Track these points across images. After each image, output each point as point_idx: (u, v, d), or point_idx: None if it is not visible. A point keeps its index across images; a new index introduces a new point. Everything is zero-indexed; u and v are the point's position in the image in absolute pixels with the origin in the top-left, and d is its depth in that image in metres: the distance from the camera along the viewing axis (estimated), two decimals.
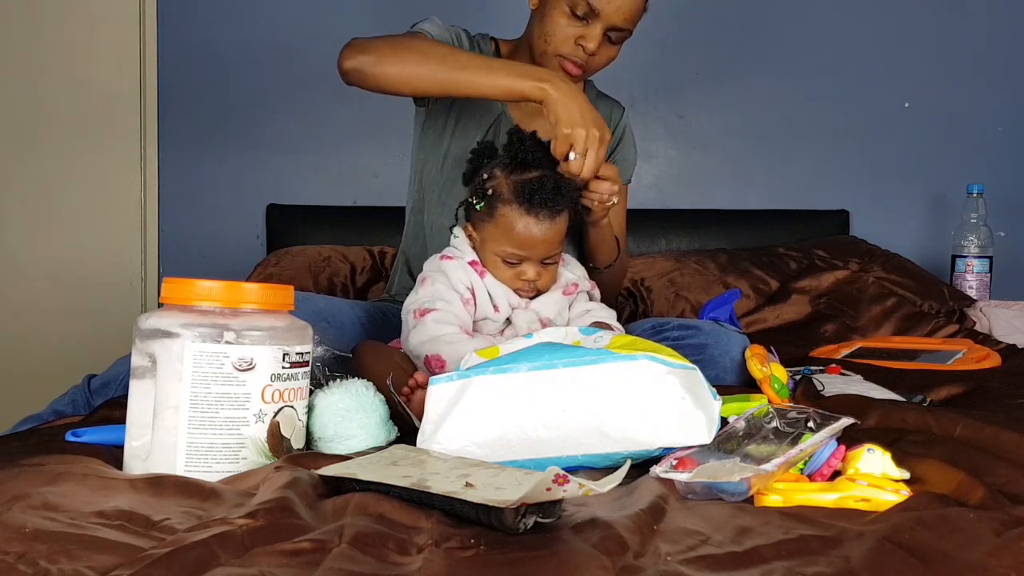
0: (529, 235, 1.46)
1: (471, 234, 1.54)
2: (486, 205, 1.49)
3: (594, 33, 1.66)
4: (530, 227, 1.46)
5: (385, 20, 2.79)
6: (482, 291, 1.50)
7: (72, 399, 1.53)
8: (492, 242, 1.49)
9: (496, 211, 1.48)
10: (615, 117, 1.93)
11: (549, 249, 1.50)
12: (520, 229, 1.46)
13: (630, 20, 1.68)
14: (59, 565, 0.77)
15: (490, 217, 1.49)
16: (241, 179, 2.83)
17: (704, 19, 2.88)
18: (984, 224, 2.62)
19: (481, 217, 1.50)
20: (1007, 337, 2.15)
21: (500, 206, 1.47)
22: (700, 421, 1.11)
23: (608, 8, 1.65)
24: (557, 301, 1.54)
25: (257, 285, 1.14)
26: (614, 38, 1.69)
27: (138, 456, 1.08)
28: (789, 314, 2.35)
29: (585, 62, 1.69)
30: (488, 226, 1.49)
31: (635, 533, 0.85)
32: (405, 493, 0.94)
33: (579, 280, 1.58)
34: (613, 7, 1.65)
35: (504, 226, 1.47)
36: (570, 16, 1.66)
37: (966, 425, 1.20)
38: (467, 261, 1.52)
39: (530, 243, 1.47)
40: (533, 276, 1.50)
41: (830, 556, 0.81)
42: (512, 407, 1.11)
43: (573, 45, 1.68)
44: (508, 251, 1.48)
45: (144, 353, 1.09)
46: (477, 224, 1.52)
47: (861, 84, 2.88)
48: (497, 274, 1.51)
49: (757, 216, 2.83)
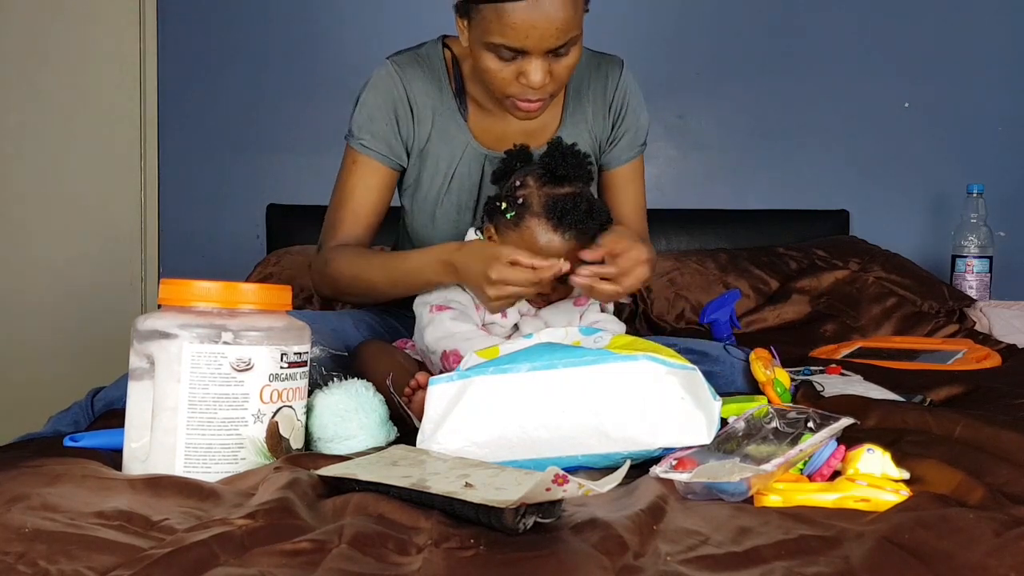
0: (552, 251, 1.43)
1: (491, 236, 1.51)
2: (516, 214, 1.46)
3: (533, 67, 1.46)
4: (554, 243, 1.43)
5: (385, 20, 2.80)
6: None
7: (75, 418, 1.45)
8: None
9: (523, 221, 1.45)
10: (612, 77, 1.72)
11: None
12: (544, 244, 1.43)
13: (563, 34, 1.44)
14: (59, 565, 0.77)
15: (515, 226, 1.46)
16: (241, 179, 2.83)
17: (704, 19, 2.88)
18: (984, 224, 2.62)
19: (507, 224, 1.47)
20: (1007, 337, 2.15)
21: (528, 217, 1.44)
22: (700, 421, 1.11)
23: (530, 42, 1.43)
24: (567, 312, 1.52)
25: (255, 285, 1.14)
26: (561, 52, 1.47)
27: (137, 457, 1.08)
28: (789, 314, 2.35)
29: (540, 93, 1.50)
30: (511, 233, 1.46)
31: (635, 533, 0.85)
32: (405, 493, 0.94)
33: None
34: (535, 40, 1.42)
35: (528, 238, 1.44)
36: (498, 59, 1.47)
37: (966, 425, 1.20)
38: None
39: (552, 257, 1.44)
40: (548, 289, 1.48)
41: (830, 556, 0.81)
42: (512, 407, 1.11)
43: (518, 85, 1.49)
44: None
45: (142, 354, 1.09)
46: (500, 227, 1.49)
47: (861, 84, 2.88)
48: None
49: (757, 216, 2.83)
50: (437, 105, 1.66)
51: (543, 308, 1.52)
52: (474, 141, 1.67)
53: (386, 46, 1.74)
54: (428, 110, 1.66)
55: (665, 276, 2.43)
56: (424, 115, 1.66)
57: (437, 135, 1.67)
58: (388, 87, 1.64)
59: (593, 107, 1.72)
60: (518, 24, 1.41)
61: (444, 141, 1.67)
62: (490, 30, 1.44)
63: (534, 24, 1.41)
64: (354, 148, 1.66)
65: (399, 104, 1.64)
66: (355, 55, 2.79)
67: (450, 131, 1.67)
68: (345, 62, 2.79)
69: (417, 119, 1.65)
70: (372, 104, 1.65)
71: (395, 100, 1.64)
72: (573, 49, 1.48)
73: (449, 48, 1.68)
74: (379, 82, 1.65)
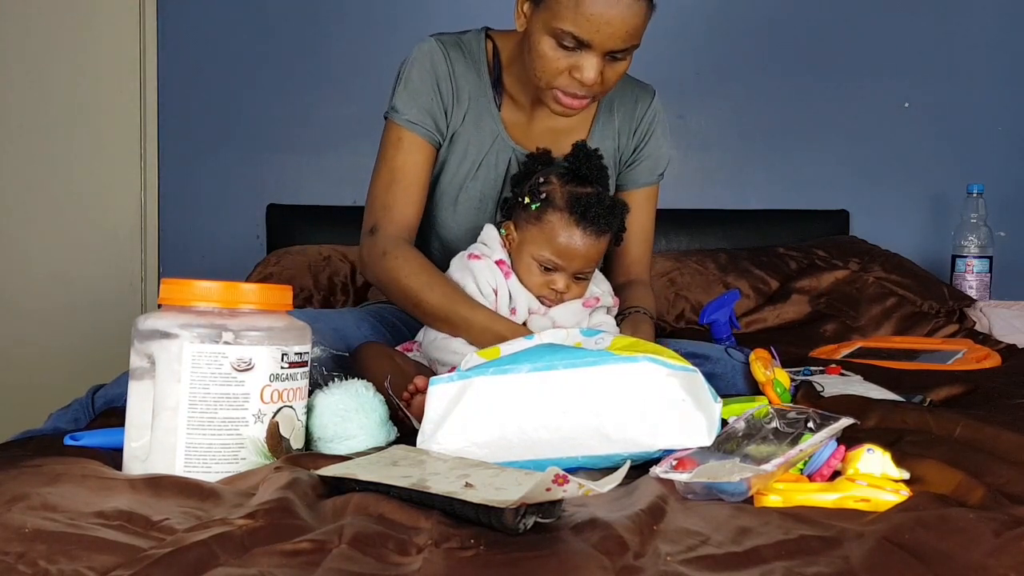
0: (572, 246, 1.47)
1: (511, 233, 1.53)
2: (539, 207, 1.49)
3: (589, 63, 1.45)
4: (575, 238, 1.47)
5: (386, 20, 2.80)
6: (504, 292, 1.51)
7: (75, 416, 1.44)
8: (532, 245, 1.50)
9: (545, 215, 1.48)
10: (643, 102, 1.75)
11: (587, 264, 1.50)
12: (564, 239, 1.47)
13: (630, 39, 1.45)
14: (59, 565, 0.77)
15: (537, 220, 1.49)
16: (241, 179, 2.82)
17: (704, 19, 2.88)
18: (984, 224, 2.62)
19: (528, 218, 1.50)
20: (1007, 337, 2.15)
21: (550, 211, 1.48)
22: (700, 423, 1.11)
23: (599, 37, 1.43)
24: (576, 312, 1.53)
25: (255, 285, 1.14)
26: (619, 56, 1.48)
27: (137, 457, 1.08)
28: (789, 314, 2.35)
29: (587, 92, 1.50)
30: (532, 228, 1.50)
31: (635, 533, 0.85)
32: (405, 493, 0.94)
33: (602, 295, 1.58)
34: (604, 35, 1.42)
35: (549, 232, 1.48)
36: (557, 47, 1.46)
37: (966, 425, 1.20)
38: (494, 260, 1.52)
39: (570, 254, 1.48)
40: (562, 288, 1.50)
41: (830, 556, 0.81)
42: (512, 408, 1.11)
43: (568, 77, 1.48)
44: (546, 257, 1.49)
45: (143, 354, 1.09)
46: (520, 224, 1.52)
47: (861, 84, 2.88)
48: (527, 279, 1.51)
49: (757, 216, 2.83)
50: (474, 91, 1.66)
51: (553, 307, 1.52)
52: (505, 133, 1.67)
53: (386, 45, 1.74)
54: (466, 93, 1.66)
55: (665, 276, 2.43)
56: (463, 97, 1.65)
57: (471, 120, 1.66)
58: (434, 62, 1.62)
59: (620, 124, 1.74)
60: (594, 16, 1.41)
61: (477, 128, 1.67)
62: (562, 16, 1.43)
63: (609, 20, 1.41)
64: (399, 124, 1.62)
65: (442, 80, 1.63)
66: (355, 55, 2.80)
67: (483, 119, 1.67)
68: (346, 62, 2.80)
69: (457, 99, 1.65)
70: (417, 79, 1.62)
71: (438, 76, 1.62)
72: (628, 58, 1.50)
73: (492, 40, 1.68)
74: (423, 57, 1.63)
